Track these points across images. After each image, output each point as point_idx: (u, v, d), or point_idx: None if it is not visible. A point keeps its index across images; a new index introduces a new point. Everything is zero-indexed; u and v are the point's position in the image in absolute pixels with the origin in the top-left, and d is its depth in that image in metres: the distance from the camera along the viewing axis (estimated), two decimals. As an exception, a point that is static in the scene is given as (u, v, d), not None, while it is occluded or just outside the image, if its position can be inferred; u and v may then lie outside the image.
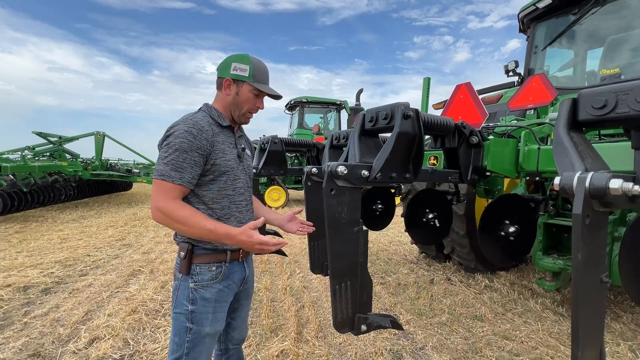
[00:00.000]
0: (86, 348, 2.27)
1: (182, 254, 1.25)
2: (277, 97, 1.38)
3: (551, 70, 3.64)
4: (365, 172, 1.17)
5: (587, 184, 0.77)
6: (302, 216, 1.62)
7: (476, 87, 2.52)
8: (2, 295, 3.06)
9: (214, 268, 1.27)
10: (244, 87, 1.30)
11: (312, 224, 1.53)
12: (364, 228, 1.20)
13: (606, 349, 2.29)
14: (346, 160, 1.31)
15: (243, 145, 1.41)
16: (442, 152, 1.85)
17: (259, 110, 1.38)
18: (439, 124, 1.51)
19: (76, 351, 2.23)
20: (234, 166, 1.31)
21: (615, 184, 0.74)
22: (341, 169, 1.10)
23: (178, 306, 1.26)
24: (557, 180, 0.83)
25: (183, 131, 1.17)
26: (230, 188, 1.31)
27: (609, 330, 2.56)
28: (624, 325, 2.64)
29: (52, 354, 2.20)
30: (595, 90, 0.93)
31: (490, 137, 1.84)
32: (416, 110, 1.26)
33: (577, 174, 0.79)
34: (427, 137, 2.00)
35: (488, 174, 1.78)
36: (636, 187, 0.75)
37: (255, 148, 1.45)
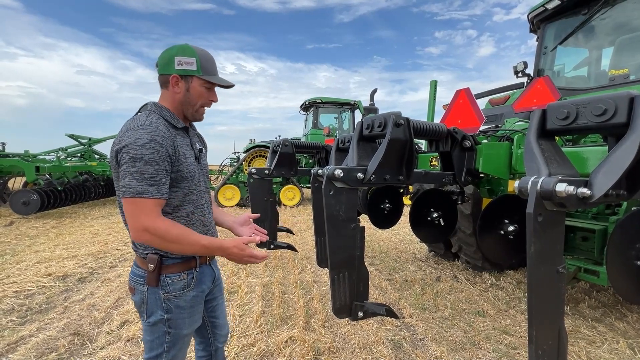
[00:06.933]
0: (118, 329, 2.55)
1: (151, 266, 1.18)
2: (229, 86, 1.28)
3: (561, 71, 3.64)
4: (360, 175, 1.31)
5: (538, 187, 0.90)
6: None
7: (492, 85, 2.61)
8: (45, 283, 3.43)
9: (185, 276, 1.23)
10: (194, 82, 1.20)
11: (266, 232, 1.46)
12: (361, 225, 1.36)
13: (605, 346, 2.34)
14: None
15: (199, 146, 1.34)
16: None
17: (213, 103, 1.29)
18: (430, 129, 1.63)
19: (109, 332, 2.52)
20: (195, 170, 1.25)
21: (561, 187, 0.86)
22: (338, 172, 1.24)
23: (152, 316, 1.20)
24: (516, 183, 0.97)
25: (148, 140, 1.07)
26: (194, 193, 1.25)
27: (611, 329, 2.60)
28: (627, 325, 2.66)
29: (90, 334, 2.49)
30: (559, 103, 1.05)
31: (484, 141, 1.95)
32: (407, 119, 1.40)
33: (532, 179, 0.92)
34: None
35: (482, 175, 1.89)
36: (581, 190, 0.88)
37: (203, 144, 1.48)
